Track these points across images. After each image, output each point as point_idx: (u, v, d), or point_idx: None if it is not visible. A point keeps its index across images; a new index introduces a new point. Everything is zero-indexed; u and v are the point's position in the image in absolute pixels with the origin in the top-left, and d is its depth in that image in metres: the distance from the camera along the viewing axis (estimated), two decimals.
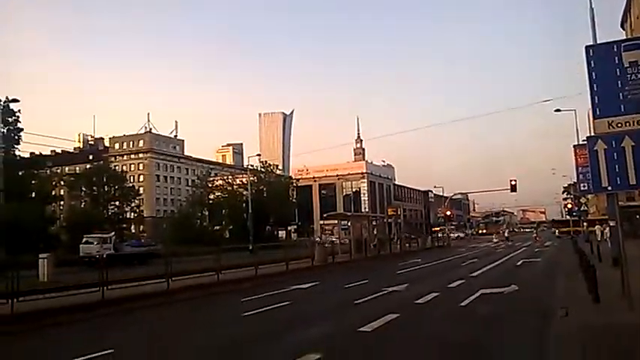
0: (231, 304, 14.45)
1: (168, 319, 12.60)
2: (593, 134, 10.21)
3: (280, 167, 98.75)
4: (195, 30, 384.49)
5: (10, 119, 50.68)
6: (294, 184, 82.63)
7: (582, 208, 56.57)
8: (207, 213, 76.69)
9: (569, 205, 67.61)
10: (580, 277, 13.69)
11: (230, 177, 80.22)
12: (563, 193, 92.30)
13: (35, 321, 11.32)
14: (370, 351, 8.04)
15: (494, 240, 66.10)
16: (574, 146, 29.45)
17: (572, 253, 25.15)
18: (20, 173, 52.66)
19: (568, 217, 74.00)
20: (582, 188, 26.97)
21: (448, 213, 70.34)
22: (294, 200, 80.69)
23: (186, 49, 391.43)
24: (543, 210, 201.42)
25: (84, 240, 36.31)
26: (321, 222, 49.38)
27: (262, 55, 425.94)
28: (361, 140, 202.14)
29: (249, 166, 70.42)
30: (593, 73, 9.48)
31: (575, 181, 40.25)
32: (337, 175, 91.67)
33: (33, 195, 56.08)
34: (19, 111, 51.98)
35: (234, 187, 72.69)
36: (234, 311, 12.71)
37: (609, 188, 9.23)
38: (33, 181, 57.52)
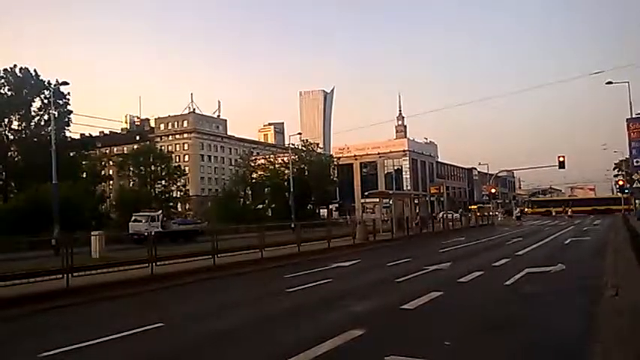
0: (275, 280, 14.69)
1: (214, 294, 12.91)
2: None
3: (321, 145, 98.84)
4: (236, 10, 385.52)
5: (60, 102, 52.45)
6: (335, 163, 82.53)
7: (635, 185, 54.38)
8: (250, 192, 77.84)
9: (621, 182, 65.10)
10: (632, 257, 13.23)
11: (272, 156, 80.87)
12: (614, 169, 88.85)
13: (88, 295, 11.83)
14: (413, 328, 8.04)
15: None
16: (627, 120, 28.29)
17: (625, 232, 24.31)
18: (72, 154, 54.68)
19: (620, 194, 71.43)
20: (635, 164, 25.98)
21: (493, 190, 68.71)
22: (335, 179, 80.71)
23: (228, 29, 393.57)
24: (593, 187, 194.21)
25: (133, 218, 37.51)
26: (362, 200, 49.15)
27: (303, 33, 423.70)
28: (403, 117, 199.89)
29: (291, 145, 70.75)
30: None
31: (628, 156, 38.68)
32: (378, 153, 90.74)
33: (84, 175, 58.33)
34: (68, 93, 53.79)
35: (276, 166, 73.29)
36: (277, 287, 12.91)
37: None
38: (84, 162, 59.82)
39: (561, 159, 52.50)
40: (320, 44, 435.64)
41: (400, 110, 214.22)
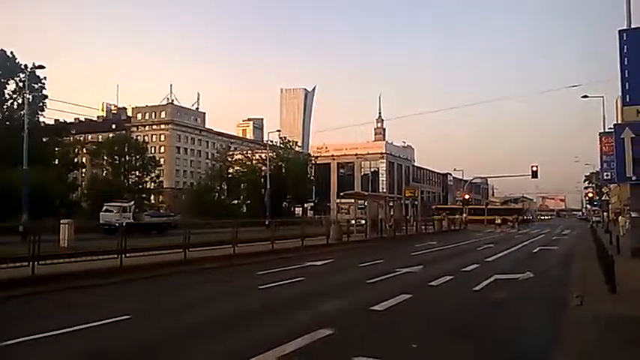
0: (247, 276, 14.59)
1: (184, 288, 12.74)
2: (620, 122, 9.98)
3: (300, 144, 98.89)
4: (220, 4, 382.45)
5: (35, 86, 51.24)
6: (313, 162, 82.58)
7: (604, 198, 55.74)
8: (225, 187, 77.32)
9: (590, 194, 66.69)
10: (597, 268, 13.53)
11: (249, 152, 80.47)
12: (584, 181, 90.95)
13: (54, 284, 11.59)
14: (382, 329, 8.08)
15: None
16: (600, 134, 28.92)
17: (591, 243, 24.85)
18: (44, 140, 53.45)
19: (588, 205, 72.83)
20: (605, 177, 26.61)
21: (467, 197, 69.66)
22: (312, 177, 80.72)
23: (210, 22, 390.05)
24: (563, 198, 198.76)
25: (104, 208, 36.90)
26: (338, 200, 49.36)
27: (285, 31, 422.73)
28: (382, 120, 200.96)
29: (269, 142, 70.52)
30: (626, 59, 9.22)
31: (599, 169, 39.61)
32: (356, 154, 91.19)
33: (56, 161, 57.11)
34: (44, 78, 52.57)
35: (253, 162, 72.95)
36: (249, 284, 12.85)
37: (633, 178, 9.05)
38: (57, 148, 58.54)
39: (534, 168, 53.65)
40: (303, 43, 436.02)
41: (380, 113, 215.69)
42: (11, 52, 51.44)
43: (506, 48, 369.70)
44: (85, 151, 75.74)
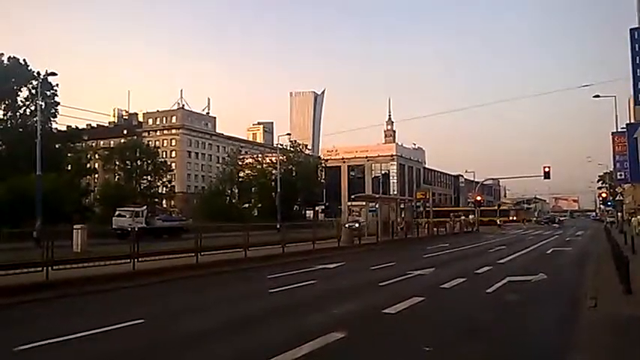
0: (258, 280, 14.63)
1: (196, 292, 12.80)
2: (633, 121, 9.89)
3: (310, 147, 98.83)
4: (228, 8, 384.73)
5: (48, 92, 51.81)
6: (323, 165, 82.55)
7: (617, 198, 55.12)
8: (236, 190, 77.52)
9: (604, 195, 65.96)
10: (612, 268, 13.38)
11: (260, 155, 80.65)
12: (598, 181, 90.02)
13: (68, 289, 11.68)
14: (394, 332, 8.04)
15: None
16: (612, 134, 28.60)
17: (605, 244, 24.60)
18: (57, 146, 53.97)
19: (602, 206, 72.00)
20: (619, 177, 26.34)
21: (479, 198, 69.06)
22: (322, 180, 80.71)
23: (220, 27, 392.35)
24: (576, 198, 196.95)
25: (116, 213, 37.11)
26: (349, 203, 49.43)
27: (295, 34, 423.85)
28: (392, 122, 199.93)
29: (279, 145, 70.55)
30: (637, 58, 9.16)
31: (612, 169, 39.24)
32: (367, 157, 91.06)
33: (69, 167, 57.60)
34: (56, 85, 53.13)
35: (264, 165, 73.09)
36: (260, 287, 12.87)
37: None
38: (69, 154, 59.01)
39: (546, 169, 53.16)
40: (312, 46, 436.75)
41: (390, 115, 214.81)
42: (24, 60, 52.13)
43: (516, 49, 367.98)
44: (97, 156, 76.37)
